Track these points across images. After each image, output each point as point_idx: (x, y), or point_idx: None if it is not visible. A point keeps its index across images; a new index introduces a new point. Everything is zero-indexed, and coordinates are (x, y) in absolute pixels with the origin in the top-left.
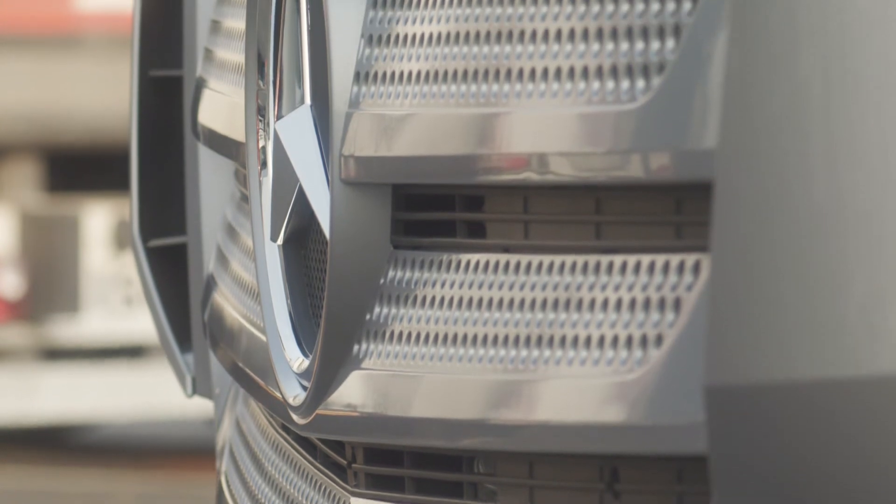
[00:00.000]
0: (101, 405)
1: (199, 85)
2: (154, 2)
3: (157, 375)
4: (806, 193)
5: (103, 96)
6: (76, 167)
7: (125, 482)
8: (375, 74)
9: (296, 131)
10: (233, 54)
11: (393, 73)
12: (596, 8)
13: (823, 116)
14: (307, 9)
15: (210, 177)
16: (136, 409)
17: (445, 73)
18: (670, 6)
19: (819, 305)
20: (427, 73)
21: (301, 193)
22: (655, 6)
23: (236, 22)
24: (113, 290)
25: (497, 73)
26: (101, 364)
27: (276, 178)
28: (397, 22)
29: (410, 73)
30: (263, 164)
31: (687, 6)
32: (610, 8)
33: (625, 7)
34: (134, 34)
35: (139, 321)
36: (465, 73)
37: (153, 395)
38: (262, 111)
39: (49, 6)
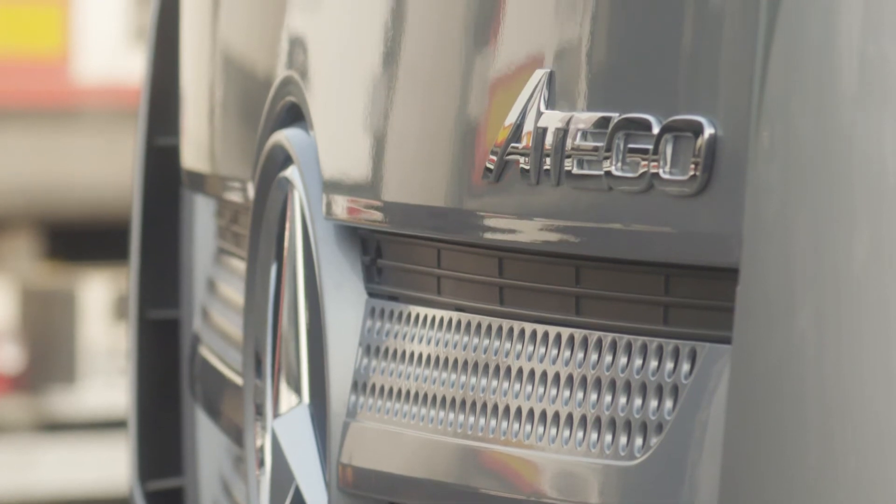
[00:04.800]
0: (100, 477)
1: (195, 343)
2: (153, 242)
3: None
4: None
5: (102, 169)
6: (74, 240)
7: None
8: (373, 386)
9: (293, 431)
10: (229, 325)
11: (391, 389)
12: (594, 357)
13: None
14: (305, 307)
15: (207, 421)
16: None
17: (444, 399)
18: (668, 366)
19: None
20: (425, 396)
21: (298, 491)
22: (653, 364)
23: (233, 292)
24: (111, 361)
25: (496, 407)
26: (99, 436)
27: (273, 473)
28: (395, 336)
29: (409, 392)
30: (261, 464)
31: (685, 368)
32: (608, 359)
33: (623, 360)
34: (132, 276)
35: None
36: (464, 402)
37: None
38: (259, 409)
39: (48, 80)
